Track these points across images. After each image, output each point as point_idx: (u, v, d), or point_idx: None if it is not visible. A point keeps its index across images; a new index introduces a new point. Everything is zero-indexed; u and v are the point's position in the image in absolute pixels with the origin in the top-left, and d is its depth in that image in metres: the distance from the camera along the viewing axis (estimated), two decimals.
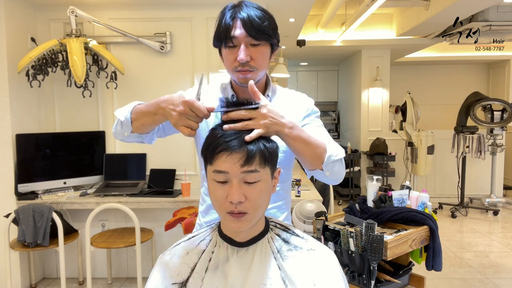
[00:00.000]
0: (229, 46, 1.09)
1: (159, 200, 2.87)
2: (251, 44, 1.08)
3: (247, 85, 1.09)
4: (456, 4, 3.49)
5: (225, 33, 1.08)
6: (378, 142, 5.52)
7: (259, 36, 1.08)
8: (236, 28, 1.07)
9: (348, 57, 6.61)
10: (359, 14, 4.16)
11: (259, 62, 1.10)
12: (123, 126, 1.14)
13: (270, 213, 1.21)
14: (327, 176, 1.07)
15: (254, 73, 1.11)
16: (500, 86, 6.97)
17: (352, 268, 1.75)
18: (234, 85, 1.22)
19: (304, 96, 1.28)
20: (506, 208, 5.43)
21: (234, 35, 1.07)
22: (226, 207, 0.85)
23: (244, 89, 1.17)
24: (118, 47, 3.21)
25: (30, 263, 3.07)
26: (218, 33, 1.11)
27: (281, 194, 1.25)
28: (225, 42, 1.09)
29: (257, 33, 1.07)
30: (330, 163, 1.04)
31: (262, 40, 1.09)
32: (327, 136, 1.17)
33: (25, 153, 2.90)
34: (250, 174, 0.84)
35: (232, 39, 1.07)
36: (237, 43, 1.08)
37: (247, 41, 1.07)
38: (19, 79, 2.90)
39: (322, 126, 1.23)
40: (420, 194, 2.09)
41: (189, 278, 0.91)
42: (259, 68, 1.11)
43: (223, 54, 1.13)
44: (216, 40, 1.13)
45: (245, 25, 1.06)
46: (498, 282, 3.14)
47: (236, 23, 1.07)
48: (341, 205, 5.65)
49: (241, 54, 1.07)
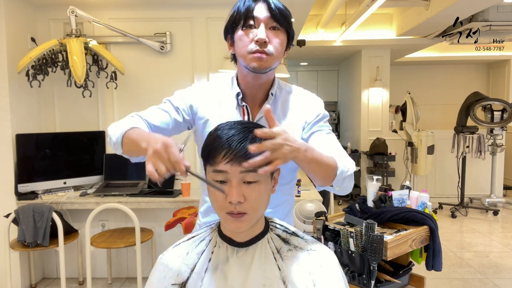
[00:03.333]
0: (248, 25, 1.07)
1: (159, 200, 2.87)
2: (271, 27, 1.07)
3: (260, 70, 1.08)
4: (456, 4, 3.49)
5: (246, 13, 1.06)
6: (378, 142, 5.52)
7: (281, 19, 1.07)
8: (259, 9, 1.06)
9: (348, 57, 6.61)
10: (359, 14, 4.16)
11: (276, 46, 1.08)
12: (115, 148, 1.09)
13: (268, 212, 1.20)
14: (336, 190, 1.07)
15: (269, 58, 1.08)
16: (500, 86, 6.97)
17: (352, 268, 1.75)
18: (240, 82, 1.18)
19: (313, 98, 1.24)
20: (506, 208, 5.43)
21: (256, 15, 1.06)
22: (226, 208, 0.85)
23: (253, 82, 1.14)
24: (118, 47, 3.21)
25: (30, 263, 3.07)
26: (234, 17, 1.09)
27: (284, 196, 1.23)
28: (245, 22, 1.07)
29: (280, 16, 1.07)
30: (341, 179, 1.03)
31: (282, 26, 1.08)
32: (337, 145, 1.14)
33: (25, 153, 2.90)
34: (250, 174, 0.84)
35: (254, 18, 1.06)
36: (257, 24, 1.06)
37: (267, 23, 1.06)
38: (19, 79, 2.90)
39: (331, 132, 1.21)
40: (420, 194, 2.09)
41: (188, 278, 0.91)
42: (275, 53, 1.08)
43: (238, 37, 1.09)
44: (232, 23, 1.10)
45: (269, 6, 1.06)
46: (498, 282, 3.14)
47: (258, 4, 1.07)
48: (341, 205, 5.65)
49: (261, 33, 1.05)
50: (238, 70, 1.18)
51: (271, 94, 1.18)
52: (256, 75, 1.12)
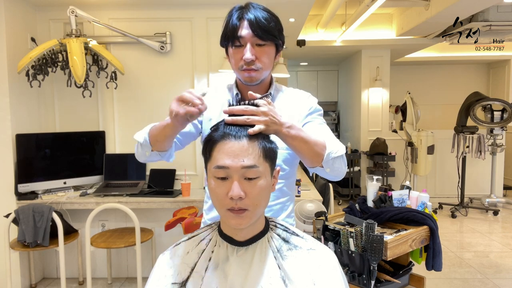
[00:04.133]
0: (236, 45, 1.14)
1: (159, 200, 2.87)
2: (257, 44, 1.14)
3: (251, 83, 1.18)
4: (456, 4, 3.49)
5: (232, 32, 1.13)
6: (378, 142, 5.52)
7: (264, 36, 1.13)
8: (243, 28, 1.12)
9: (348, 57, 6.61)
10: (359, 14, 4.17)
11: (264, 61, 1.16)
12: (143, 147, 1.19)
13: (274, 209, 1.24)
14: (327, 172, 1.09)
15: (258, 72, 1.16)
16: (500, 86, 6.97)
17: (352, 268, 1.75)
18: (239, 84, 1.27)
19: (307, 95, 1.32)
20: (506, 208, 5.43)
21: (241, 34, 1.12)
22: (227, 204, 0.85)
23: (249, 88, 1.22)
24: (118, 47, 3.21)
25: (30, 263, 3.07)
26: (225, 33, 1.17)
27: (285, 191, 1.27)
28: (232, 42, 1.14)
29: (263, 33, 1.12)
30: (330, 160, 1.06)
31: (268, 41, 1.15)
32: (329, 133, 1.19)
33: (25, 153, 2.90)
34: (250, 169, 0.84)
35: (239, 38, 1.13)
36: (243, 42, 1.13)
37: (253, 41, 1.13)
38: (19, 79, 2.90)
39: (324, 123, 1.25)
40: (420, 194, 2.09)
41: (189, 277, 0.91)
42: (264, 67, 1.16)
43: (230, 54, 1.18)
44: (223, 40, 1.19)
45: (251, 25, 1.12)
46: (498, 282, 3.14)
47: (243, 23, 1.12)
48: (341, 205, 5.65)
49: (247, 53, 1.12)
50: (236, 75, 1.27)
51: (269, 93, 1.25)
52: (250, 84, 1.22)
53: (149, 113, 3.22)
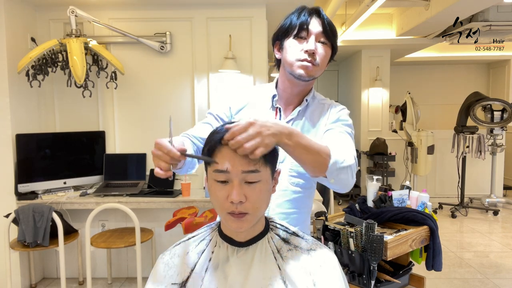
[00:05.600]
0: (300, 36, 1.18)
1: (159, 200, 2.87)
2: (320, 41, 1.18)
3: (305, 78, 1.20)
4: (456, 4, 3.49)
5: (301, 25, 1.17)
6: (378, 142, 5.52)
7: (330, 36, 1.19)
8: (314, 23, 1.18)
9: (348, 57, 6.61)
10: (359, 14, 4.16)
11: (322, 58, 1.19)
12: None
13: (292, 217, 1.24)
14: (331, 183, 1.01)
15: (315, 68, 1.19)
16: (500, 86, 6.97)
17: (352, 268, 1.75)
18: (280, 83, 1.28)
19: (339, 106, 1.30)
20: (506, 208, 5.43)
21: (310, 28, 1.17)
22: (227, 208, 0.85)
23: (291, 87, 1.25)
24: (118, 47, 3.21)
25: (30, 263, 3.07)
26: (288, 25, 1.20)
27: (305, 201, 1.27)
28: (298, 32, 1.18)
29: (330, 32, 1.19)
30: (335, 170, 0.98)
31: (330, 41, 1.20)
32: (345, 142, 1.12)
33: (25, 153, 2.90)
34: (251, 174, 0.84)
35: (307, 30, 1.17)
36: (308, 35, 1.17)
37: (318, 36, 1.18)
38: (19, 79, 2.90)
39: (345, 133, 1.19)
40: (420, 194, 2.09)
41: (188, 278, 0.91)
42: (320, 64, 1.19)
43: (288, 44, 1.20)
44: (284, 31, 1.21)
45: (323, 22, 1.18)
46: (498, 282, 3.14)
47: (313, 19, 1.18)
48: (341, 205, 5.65)
49: (311, 44, 1.16)
50: (280, 73, 1.28)
51: (305, 100, 1.26)
52: (297, 82, 1.22)
53: (149, 113, 3.22)
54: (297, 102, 1.27)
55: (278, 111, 1.26)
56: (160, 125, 3.19)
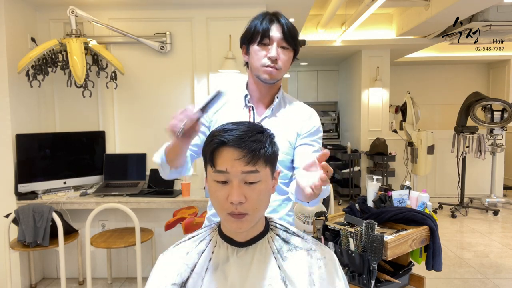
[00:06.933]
0: (263, 43, 1.26)
1: (159, 200, 2.87)
2: (281, 47, 1.27)
3: (269, 81, 1.30)
4: (456, 4, 3.49)
5: (263, 33, 1.26)
6: (378, 142, 5.52)
7: (290, 41, 1.28)
8: (274, 30, 1.26)
9: (348, 57, 6.61)
10: (359, 14, 4.17)
11: (284, 63, 1.28)
12: (162, 167, 1.26)
13: (272, 205, 1.30)
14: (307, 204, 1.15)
15: (278, 71, 1.28)
16: (500, 86, 6.97)
17: (352, 268, 1.75)
18: (250, 85, 1.36)
19: (310, 111, 1.39)
20: (506, 208, 5.43)
21: (272, 35, 1.26)
22: (227, 208, 0.85)
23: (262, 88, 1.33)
24: (118, 47, 3.21)
25: (30, 263, 3.07)
26: (252, 32, 1.28)
27: (283, 189, 1.33)
28: (261, 40, 1.26)
29: (290, 38, 1.27)
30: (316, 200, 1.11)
31: (291, 46, 1.29)
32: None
33: (25, 153, 2.90)
34: (251, 174, 0.84)
35: (269, 37, 1.25)
36: (271, 42, 1.26)
37: (279, 43, 1.27)
38: (19, 79, 2.90)
39: (319, 150, 1.27)
40: (420, 194, 2.09)
41: (189, 278, 0.91)
42: (283, 68, 1.29)
43: (253, 50, 1.29)
44: (248, 37, 1.30)
45: (283, 29, 1.27)
46: (498, 282, 3.14)
47: (274, 26, 1.27)
48: (341, 205, 5.65)
49: (273, 51, 1.25)
50: (249, 75, 1.37)
51: (276, 98, 1.35)
52: (264, 84, 1.32)
53: (149, 113, 3.22)
54: (267, 101, 1.37)
55: (251, 109, 1.35)
56: (160, 125, 3.19)
